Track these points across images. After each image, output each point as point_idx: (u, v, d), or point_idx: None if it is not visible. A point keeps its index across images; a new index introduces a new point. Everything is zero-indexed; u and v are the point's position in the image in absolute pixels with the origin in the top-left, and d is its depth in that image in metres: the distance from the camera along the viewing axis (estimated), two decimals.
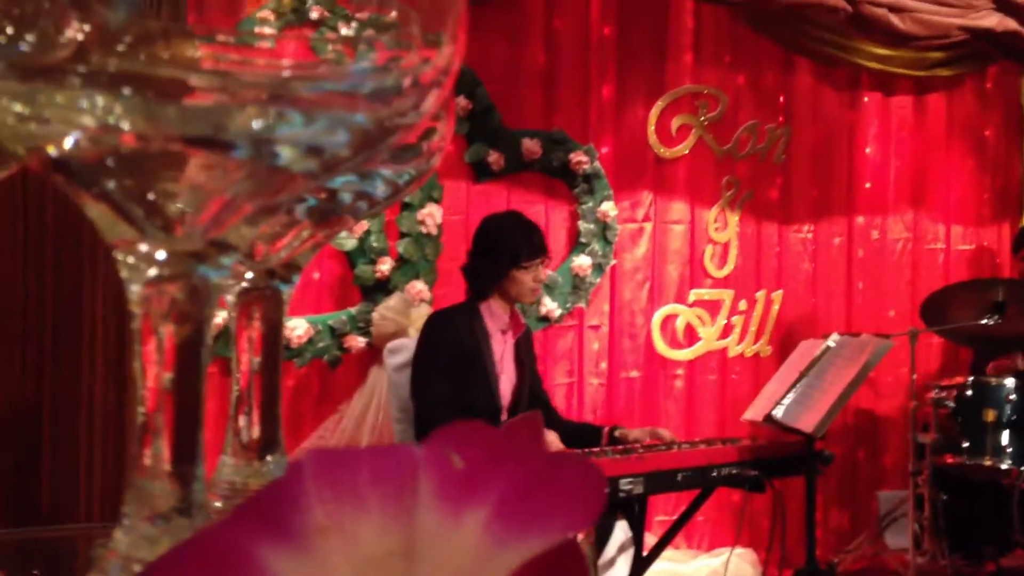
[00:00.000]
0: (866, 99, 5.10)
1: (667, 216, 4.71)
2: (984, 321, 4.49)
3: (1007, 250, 5.36)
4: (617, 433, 3.63)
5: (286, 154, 0.36)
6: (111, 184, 0.35)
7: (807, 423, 3.74)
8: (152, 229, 0.37)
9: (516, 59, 4.42)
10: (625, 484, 3.22)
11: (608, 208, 4.52)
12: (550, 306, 4.45)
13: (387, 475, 0.25)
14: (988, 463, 4.46)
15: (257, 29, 0.36)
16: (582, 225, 4.52)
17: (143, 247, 0.38)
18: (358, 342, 4.12)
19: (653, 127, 4.65)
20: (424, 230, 4.20)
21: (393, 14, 0.38)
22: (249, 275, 0.48)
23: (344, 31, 0.38)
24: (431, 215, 4.21)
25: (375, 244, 4.12)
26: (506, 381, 3.52)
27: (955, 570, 4.38)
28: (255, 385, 0.49)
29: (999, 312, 4.49)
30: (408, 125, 0.40)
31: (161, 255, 0.38)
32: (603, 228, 4.53)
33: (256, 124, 0.34)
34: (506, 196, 4.39)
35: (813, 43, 4.69)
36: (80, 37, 0.32)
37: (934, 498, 4.46)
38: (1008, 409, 4.49)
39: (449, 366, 3.36)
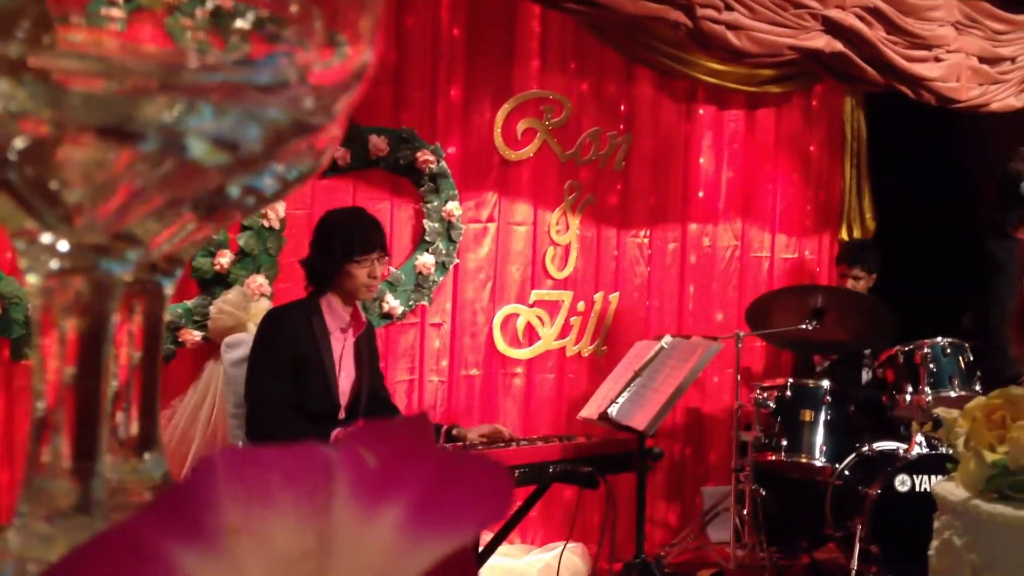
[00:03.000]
0: (701, 111, 5.31)
1: (511, 217, 4.79)
2: (804, 326, 4.75)
3: (827, 260, 5.69)
4: (455, 432, 3.67)
5: (197, 147, 0.35)
6: (12, 172, 0.34)
7: (639, 421, 3.87)
8: (52, 219, 0.36)
9: None
10: None
11: (453, 208, 4.56)
12: (393, 303, 4.46)
13: (300, 475, 0.25)
14: (804, 460, 4.71)
15: (104, 10, 0.34)
16: (427, 224, 4.55)
17: (45, 238, 0.36)
18: (193, 336, 4.03)
19: (499, 129, 4.71)
20: (266, 223, 4.15)
21: (294, 8, 0.37)
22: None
23: (199, 17, 0.37)
24: (273, 208, 4.15)
25: (214, 236, 4.04)
26: (345, 379, 3.52)
27: (772, 562, 4.59)
28: (135, 381, 0.46)
29: (818, 318, 4.75)
30: (319, 125, 0.39)
31: (64, 247, 0.37)
32: (447, 227, 4.57)
33: (165, 115, 0.34)
34: (351, 192, 4.37)
35: (654, 55, 4.86)
36: None
37: (754, 494, 4.66)
38: (824, 410, 4.76)
39: (284, 364, 3.33)
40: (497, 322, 4.78)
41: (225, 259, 4.06)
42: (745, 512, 4.68)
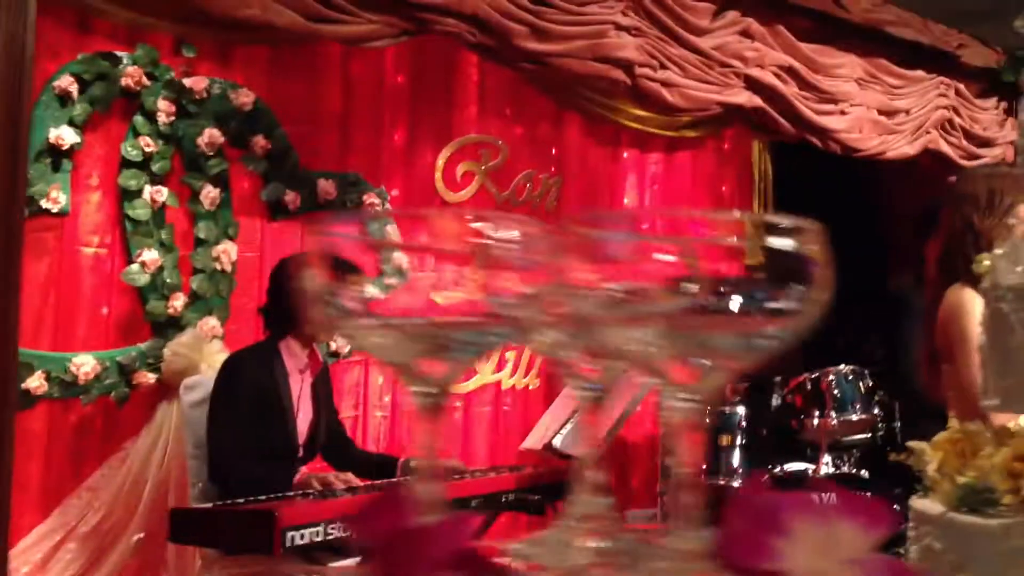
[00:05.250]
0: (625, 155, 5.59)
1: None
2: None
3: None
4: (413, 463, 3.82)
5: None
6: None
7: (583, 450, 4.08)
8: None
9: (314, 101, 4.52)
10: None
11: None
12: (340, 342, 4.56)
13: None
14: (722, 482, 5.00)
15: None
16: None
17: None
18: (147, 378, 4.06)
19: (440, 172, 4.89)
20: (219, 267, 4.22)
21: None
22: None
23: None
24: (226, 252, 4.22)
25: (168, 280, 4.09)
26: (303, 419, 3.62)
27: None
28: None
29: None
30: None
31: None
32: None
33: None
34: (300, 235, 4.47)
35: (582, 101, 5.11)
36: None
37: None
38: (740, 434, 5.07)
39: (246, 406, 3.42)
40: None
41: (179, 302, 4.11)
42: None
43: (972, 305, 2.65)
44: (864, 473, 4.95)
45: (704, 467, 5.06)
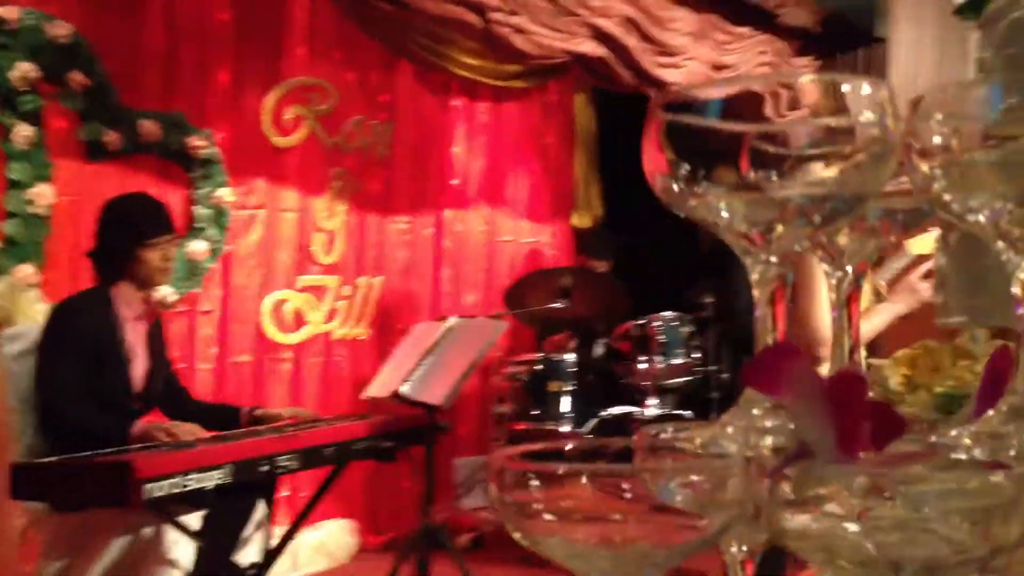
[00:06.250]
0: (455, 103, 5.57)
1: (279, 204, 4.81)
2: (556, 304, 5.16)
3: (563, 244, 6.13)
4: (258, 412, 3.72)
5: None
6: None
7: (435, 396, 4.06)
8: None
9: (136, 36, 4.27)
10: (283, 461, 3.31)
11: (224, 194, 4.53)
12: (165, 291, 4.36)
13: None
14: (551, 427, 5.11)
15: None
16: (197, 210, 4.48)
17: None
18: None
19: (268, 116, 4.72)
20: (33, 211, 3.94)
21: None
22: None
23: None
24: (42, 194, 3.95)
25: None
26: (139, 367, 3.48)
27: None
28: None
29: (566, 296, 5.18)
30: None
31: None
32: (218, 214, 4.53)
33: None
34: (120, 177, 4.23)
35: (414, 47, 5.05)
36: None
37: None
38: (568, 381, 5.18)
39: (79, 354, 3.27)
40: (266, 308, 4.80)
41: None
42: None
43: None
44: (688, 413, 5.16)
45: (535, 412, 5.17)
